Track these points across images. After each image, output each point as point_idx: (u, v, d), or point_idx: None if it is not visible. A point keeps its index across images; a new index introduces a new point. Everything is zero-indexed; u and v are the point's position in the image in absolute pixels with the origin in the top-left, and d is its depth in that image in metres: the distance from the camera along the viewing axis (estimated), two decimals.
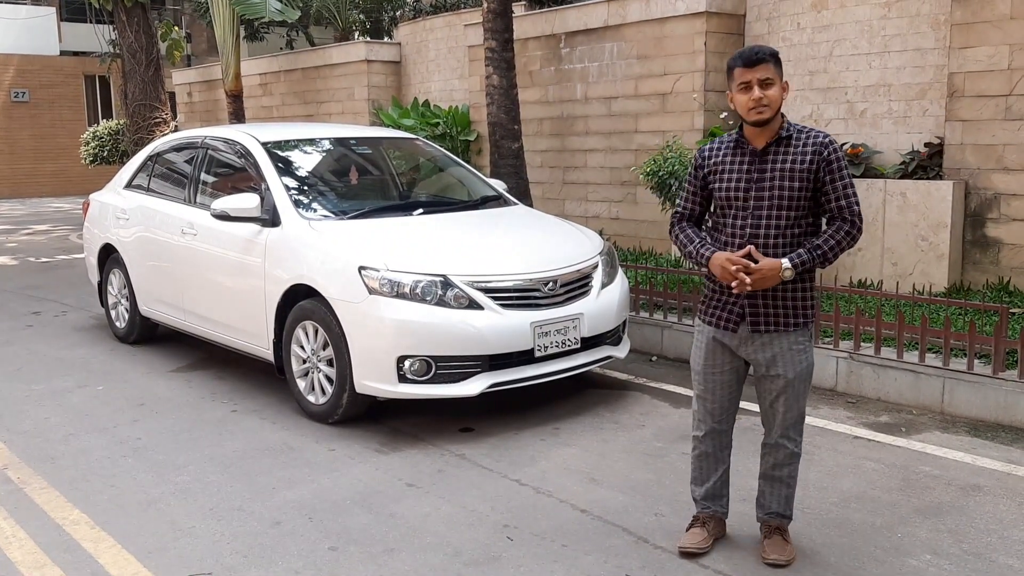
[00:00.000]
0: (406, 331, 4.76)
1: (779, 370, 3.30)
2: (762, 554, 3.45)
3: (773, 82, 3.16)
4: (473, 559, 3.52)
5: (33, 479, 4.41)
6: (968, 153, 6.77)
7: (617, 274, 5.65)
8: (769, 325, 3.28)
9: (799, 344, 3.32)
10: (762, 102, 3.15)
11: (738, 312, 3.31)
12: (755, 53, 3.18)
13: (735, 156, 3.31)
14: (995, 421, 4.95)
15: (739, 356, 3.39)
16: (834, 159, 3.21)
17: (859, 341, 5.57)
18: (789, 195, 3.21)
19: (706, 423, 3.51)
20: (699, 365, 3.47)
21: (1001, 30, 6.52)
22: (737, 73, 3.19)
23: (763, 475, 3.52)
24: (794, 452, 3.44)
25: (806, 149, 3.22)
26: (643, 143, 9.02)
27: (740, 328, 3.32)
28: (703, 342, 3.44)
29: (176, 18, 25.70)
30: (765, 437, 3.49)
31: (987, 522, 3.79)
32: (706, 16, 8.37)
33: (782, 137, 3.24)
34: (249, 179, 5.96)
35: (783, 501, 3.50)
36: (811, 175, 3.20)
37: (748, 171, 3.26)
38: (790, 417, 3.38)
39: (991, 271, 6.71)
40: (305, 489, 4.23)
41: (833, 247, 3.22)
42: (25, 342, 7.28)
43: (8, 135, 24.70)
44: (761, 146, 3.25)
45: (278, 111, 15.07)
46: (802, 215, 3.25)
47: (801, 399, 3.38)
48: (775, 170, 3.22)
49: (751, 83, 3.15)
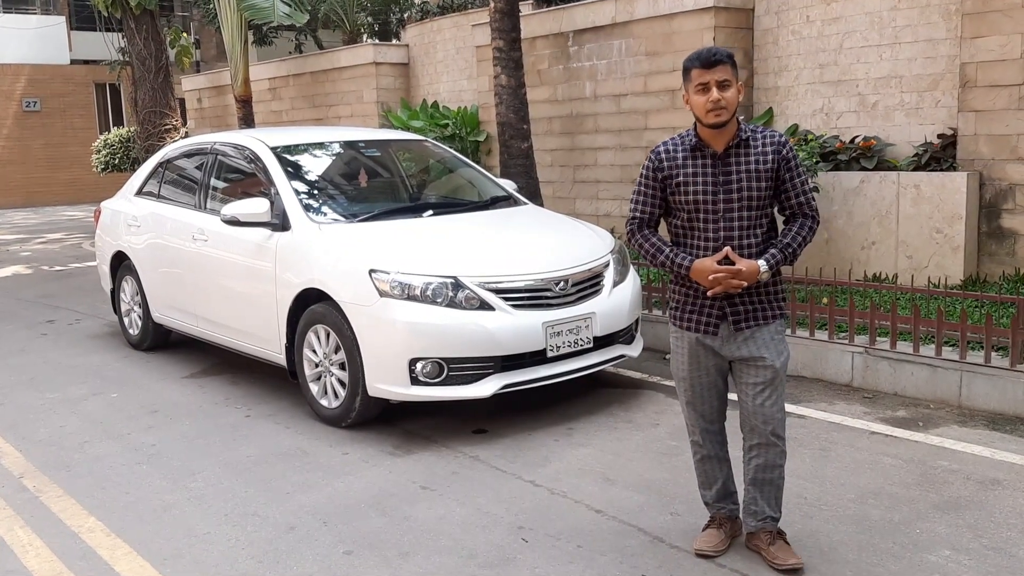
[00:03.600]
0: (418, 333, 4.75)
1: (768, 360, 3.29)
2: (772, 562, 3.36)
3: (730, 84, 3.17)
4: (488, 561, 3.51)
5: (49, 487, 4.42)
6: (982, 144, 6.71)
7: (629, 272, 5.62)
8: (750, 321, 3.31)
9: (779, 334, 3.36)
10: (720, 103, 3.15)
11: (717, 314, 3.32)
12: (713, 54, 3.18)
13: (695, 160, 3.28)
14: (1014, 414, 4.90)
15: (721, 355, 3.37)
16: (791, 157, 3.27)
17: (875, 336, 5.52)
18: (757, 196, 3.24)
19: (699, 426, 3.51)
20: (684, 371, 3.46)
21: (1013, 19, 6.45)
22: (695, 74, 3.19)
23: (752, 481, 3.43)
24: (783, 451, 3.40)
25: (766, 149, 3.25)
26: (653, 140, 8.98)
27: (721, 328, 3.33)
28: (684, 348, 3.43)
29: (185, 24, 25.79)
30: (749, 439, 3.41)
31: (1007, 516, 3.74)
32: (714, 11, 8.32)
33: (741, 139, 3.25)
34: (259, 184, 5.97)
35: (775, 503, 3.44)
36: (773, 174, 3.25)
37: (712, 175, 3.25)
38: (778, 411, 3.35)
39: (1007, 262, 6.65)
40: (319, 493, 4.22)
41: (800, 243, 3.30)
42: (39, 350, 7.32)
43: (21, 144, 24.87)
44: (721, 149, 3.25)
45: (287, 115, 15.10)
46: (766, 214, 3.31)
47: (784, 392, 3.39)
48: (740, 172, 3.23)
49: (709, 84, 3.16)
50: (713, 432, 3.52)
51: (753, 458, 3.41)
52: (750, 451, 3.42)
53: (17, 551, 3.74)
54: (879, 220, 6.98)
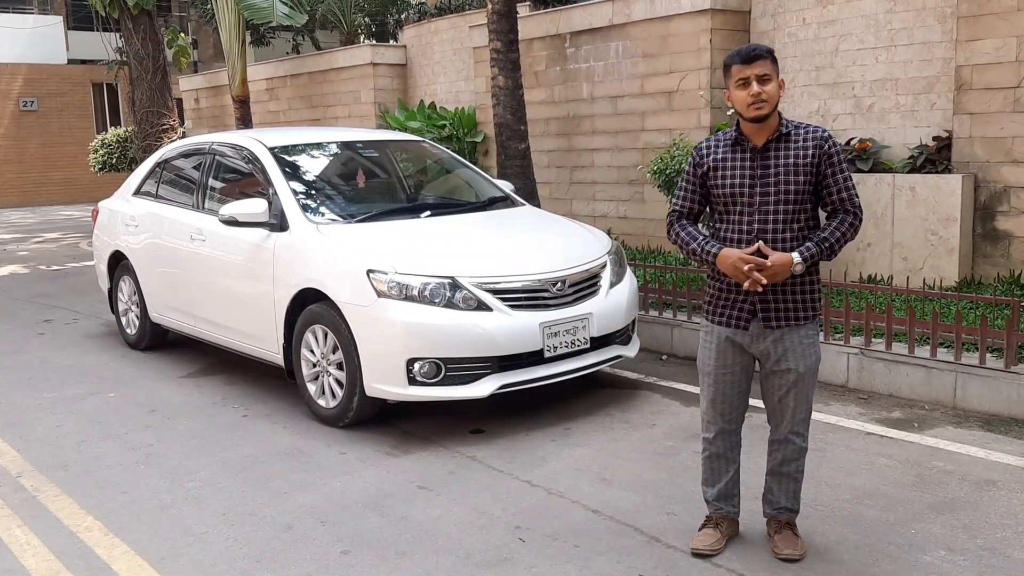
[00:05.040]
0: (415, 333, 4.76)
1: (790, 364, 3.31)
2: (773, 549, 3.46)
3: (771, 78, 3.20)
4: (485, 561, 3.52)
5: (47, 486, 4.43)
6: (977, 146, 6.74)
7: (626, 273, 5.64)
8: (780, 320, 3.29)
9: (809, 338, 3.34)
10: (760, 97, 3.17)
11: (749, 309, 3.32)
12: (753, 50, 3.22)
13: (735, 154, 3.32)
14: (1008, 415, 4.92)
15: (748, 353, 3.38)
16: (834, 153, 3.26)
17: (870, 337, 5.54)
18: (795, 190, 3.23)
19: (716, 424, 3.51)
20: (709, 366, 3.46)
21: (1008, 22, 6.48)
22: (735, 70, 3.22)
23: (771, 471, 3.52)
24: (802, 447, 3.45)
25: (807, 144, 3.25)
26: (650, 141, 9.00)
27: (751, 325, 3.32)
28: (713, 342, 3.43)
29: (182, 25, 25.79)
30: (772, 434, 3.48)
31: (1001, 517, 3.76)
32: (711, 13, 8.35)
33: (782, 134, 3.27)
34: (257, 184, 5.98)
35: (791, 496, 3.51)
36: (813, 169, 3.24)
37: (751, 168, 3.28)
38: (800, 412, 3.39)
39: (1002, 264, 6.67)
40: (317, 493, 4.23)
41: (839, 239, 3.26)
42: (37, 350, 7.32)
43: (17, 144, 24.83)
44: (761, 143, 3.27)
45: (285, 116, 15.10)
46: (805, 209, 3.28)
47: (810, 394, 3.39)
48: (778, 166, 3.25)
49: (749, 79, 3.18)
50: (729, 432, 3.52)
51: (774, 452, 3.48)
52: (772, 444, 3.49)
53: (15, 550, 3.75)
54: (874, 222, 7.00)
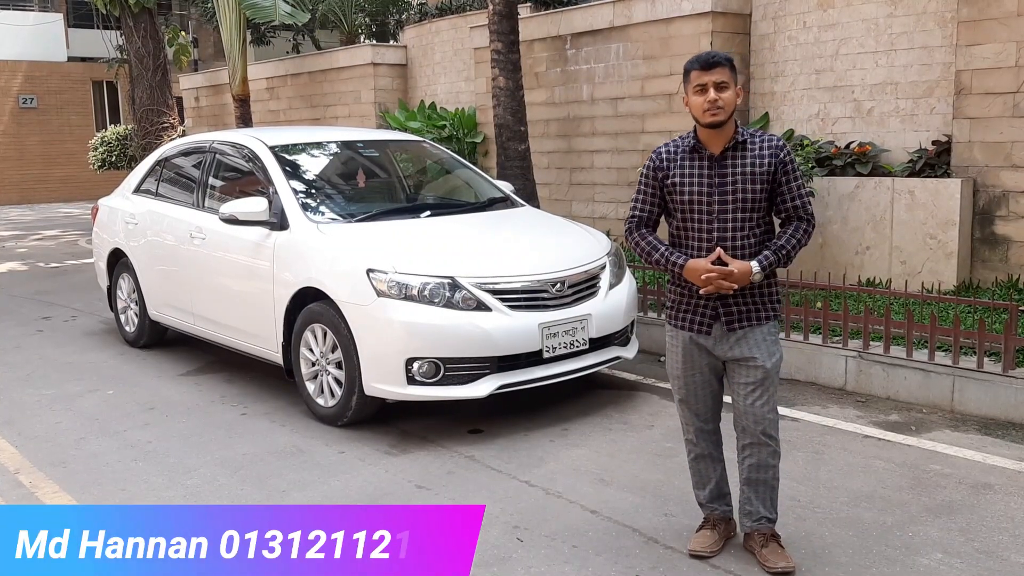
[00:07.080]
0: (414, 333, 4.77)
1: (758, 360, 3.34)
2: (763, 564, 3.40)
3: (728, 86, 3.25)
4: (483, 560, 3.52)
5: (45, 483, 4.43)
6: (976, 150, 6.75)
7: (625, 275, 5.65)
8: (743, 322, 3.35)
9: (771, 335, 3.40)
10: (717, 104, 3.22)
11: (711, 314, 3.37)
12: (712, 57, 3.27)
13: (692, 161, 3.35)
14: (1006, 419, 4.94)
15: (715, 355, 3.42)
16: (788, 161, 3.32)
17: (868, 340, 5.55)
18: (752, 198, 3.29)
19: (693, 425, 3.54)
20: (678, 369, 3.50)
21: (1008, 27, 6.50)
22: (694, 75, 3.28)
23: (747, 480, 3.48)
24: (776, 451, 3.44)
25: (763, 152, 3.30)
26: (650, 143, 9.00)
27: (714, 328, 3.37)
28: (679, 346, 3.48)
29: (183, 23, 25.76)
30: (743, 438, 3.45)
31: (998, 520, 3.78)
32: (712, 16, 8.36)
33: (738, 141, 3.31)
34: (257, 183, 5.98)
35: (769, 504, 3.47)
36: (769, 177, 3.30)
37: (709, 176, 3.32)
38: (769, 412, 3.39)
39: (1000, 269, 6.69)
40: (315, 492, 4.24)
41: (795, 246, 3.34)
42: (35, 347, 7.32)
43: (17, 141, 24.81)
44: (718, 151, 3.32)
45: (285, 115, 15.10)
46: (762, 216, 3.35)
47: (776, 393, 3.42)
48: (735, 174, 3.29)
49: (707, 85, 3.24)
50: (708, 431, 3.56)
51: (746, 458, 3.46)
52: (743, 451, 3.46)
53: None
54: (873, 225, 7.01)
